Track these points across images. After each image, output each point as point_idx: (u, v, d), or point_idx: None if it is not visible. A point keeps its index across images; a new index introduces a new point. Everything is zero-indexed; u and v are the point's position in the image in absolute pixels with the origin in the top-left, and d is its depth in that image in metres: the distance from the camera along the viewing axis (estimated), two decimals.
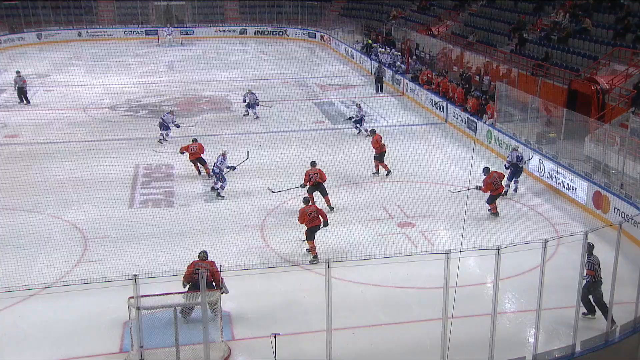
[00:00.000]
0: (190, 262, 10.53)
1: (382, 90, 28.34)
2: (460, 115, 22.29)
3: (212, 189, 16.30)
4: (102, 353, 9.67)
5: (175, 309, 9.11)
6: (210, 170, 16.78)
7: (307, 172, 15.20)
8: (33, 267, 12.23)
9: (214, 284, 10.18)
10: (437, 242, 13.68)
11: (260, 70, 33.47)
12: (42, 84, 29.13)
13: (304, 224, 12.70)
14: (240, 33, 44.89)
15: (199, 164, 17.51)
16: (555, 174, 16.58)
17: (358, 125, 21.53)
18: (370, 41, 35.44)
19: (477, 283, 11.84)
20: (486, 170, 15.08)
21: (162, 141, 20.36)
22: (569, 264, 11.22)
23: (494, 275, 8.58)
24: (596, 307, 10.52)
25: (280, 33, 44.61)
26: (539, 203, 15.95)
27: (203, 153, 17.42)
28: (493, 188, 14.82)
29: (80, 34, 42.12)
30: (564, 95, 21.06)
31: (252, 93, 23.58)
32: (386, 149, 17.58)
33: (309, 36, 43.63)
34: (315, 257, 12.64)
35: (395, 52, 32.11)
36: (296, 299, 11.27)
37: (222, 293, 10.06)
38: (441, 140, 21.65)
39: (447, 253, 8.48)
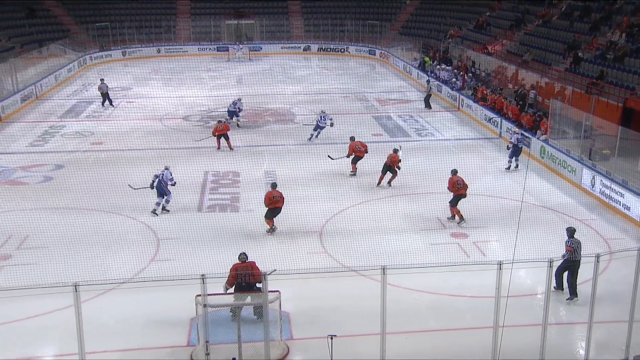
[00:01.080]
0: (232, 265, 10.43)
1: (429, 107, 27.80)
2: (514, 132, 21.73)
3: (154, 210, 15.13)
4: (171, 345, 9.88)
5: (237, 307, 9.24)
6: (154, 185, 15.35)
7: (350, 145, 18.29)
8: (112, 263, 12.66)
9: (257, 285, 10.16)
10: (489, 252, 13.38)
11: (322, 84, 33.67)
12: (125, 96, 30.18)
13: (267, 206, 13.94)
14: (304, 50, 45.33)
15: (223, 138, 19.67)
16: (608, 190, 15.95)
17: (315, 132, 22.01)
18: (427, 59, 35.12)
19: (528, 294, 11.50)
20: (454, 172, 15.18)
21: (238, 124, 23.31)
22: (621, 279, 10.78)
23: (545, 286, 8.31)
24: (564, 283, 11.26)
25: (342, 50, 44.78)
26: (591, 218, 15.37)
27: (229, 130, 19.82)
28: (456, 188, 14.76)
29: (159, 51, 43.49)
30: (619, 113, 20.26)
31: (236, 102, 24.10)
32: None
33: (369, 53, 43.63)
34: (271, 228, 14.13)
35: (449, 68, 31.70)
36: (352, 303, 11.22)
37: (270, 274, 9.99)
38: (495, 154, 21.19)
39: (500, 264, 8.29)
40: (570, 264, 11.11)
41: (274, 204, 14.08)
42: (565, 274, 11.26)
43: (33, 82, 29.82)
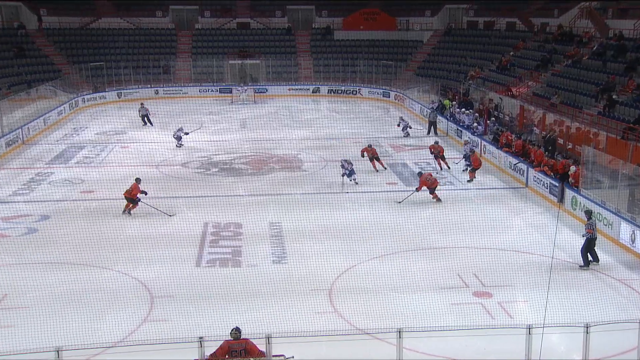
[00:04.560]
0: (223, 341, 10.03)
1: (435, 133, 31.26)
2: (541, 180, 21.78)
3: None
4: None
5: None
6: None
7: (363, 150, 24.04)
8: (101, 324, 12.57)
9: None
10: (516, 314, 13.19)
11: (332, 129, 34.00)
12: (119, 141, 30.60)
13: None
14: (313, 92, 46.01)
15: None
16: None
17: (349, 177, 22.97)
18: (447, 101, 35.51)
19: None
20: (420, 174, 20.37)
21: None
22: None
23: (582, 355, 8.15)
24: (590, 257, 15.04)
25: (354, 92, 45.43)
26: (632, 278, 15.18)
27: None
28: (428, 183, 19.66)
29: (157, 92, 44.30)
30: None
31: (181, 129, 28.44)
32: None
33: (383, 95, 44.22)
34: None
35: (469, 111, 32.02)
36: None
37: None
38: (521, 205, 21.15)
39: (529, 328, 8.17)
40: (592, 244, 15.17)
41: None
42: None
43: (19, 125, 30.34)
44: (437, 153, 25.17)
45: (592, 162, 19.72)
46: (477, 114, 31.69)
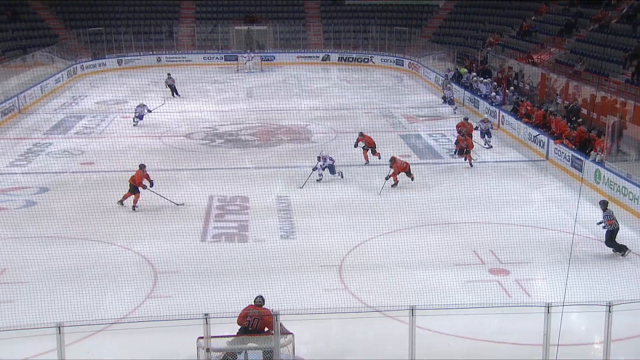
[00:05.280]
0: (246, 305, 10.43)
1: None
2: (563, 152, 21.65)
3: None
4: None
5: (245, 352, 9.20)
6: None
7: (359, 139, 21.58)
8: (102, 300, 12.70)
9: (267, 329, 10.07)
10: (534, 292, 13.21)
11: (343, 99, 33.85)
12: (120, 111, 30.60)
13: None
14: (323, 59, 45.73)
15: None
16: None
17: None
18: (464, 69, 35.20)
19: (583, 343, 11.28)
20: (392, 160, 19.19)
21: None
22: None
23: (604, 335, 8.14)
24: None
25: (366, 60, 45.11)
26: None
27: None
28: (404, 165, 19.13)
29: (159, 60, 44.17)
30: None
31: (144, 106, 27.48)
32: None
33: (396, 63, 43.88)
34: None
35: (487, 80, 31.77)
36: (376, 347, 11.11)
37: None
38: (541, 179, 21.05)
39: (548, 306, 8.17)
40: (615, 234, 14.43)
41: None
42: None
43: (15, 93, 30.37)
44: (465, 134, 22.58)
45: (617, 133, 19.54)
46: (495, 83, 31.43)
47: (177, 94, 33.96)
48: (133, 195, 17.53)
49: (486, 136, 24.18)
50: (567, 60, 31.21)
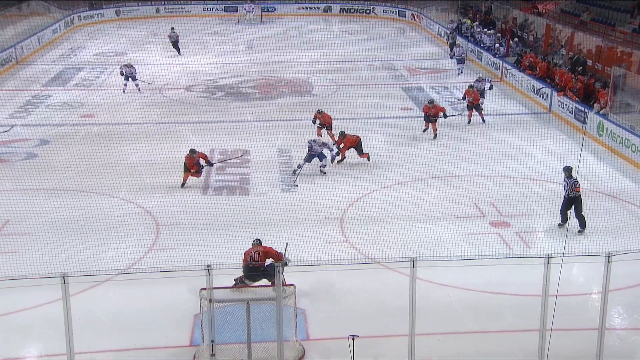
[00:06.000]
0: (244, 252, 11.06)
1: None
2: (566, 104, 21.53)
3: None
4: (171, 345, 10.01)
5: (248, 303, 9.31)
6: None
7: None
8: (105, 252, 12.82)
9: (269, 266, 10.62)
10: (535, 244, 13.32)
11: (344, 51, 33.53)
12: (119, 63, 30.26)
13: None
14: (324, 11, 45.07)
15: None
16: None
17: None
18: (469, 20, 34.74)
19: (582, 293, 11.46)
20: (342, 135, 17.38)
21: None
22: None
23: (602, 285, 8.25)
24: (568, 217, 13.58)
25: (368, 11, 44.46)
26: None
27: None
28: (354, 139, 17.39)
29: (158, 10, 43.55)
30: None
31: (131, 66, 24.96)
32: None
33: (399, 15, 43.27)
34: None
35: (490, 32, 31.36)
36: (377, 299, 11.27)
37: (285, 265, 10.51)
38: (543, 131, 21.00)
39: (548, 257, 8.25)
40: (576, 200, 13.48)
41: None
42: (572, 210, 13.55)
43: (12, 44, 30.05)
44: (472, 101, 21.37)
45: (622, 84, 19.39)
46: (499, 34, 31.07)
47: (178, 51, 32.36)
48: (192, 175, 16.15)
49: (480, 96, 22.83)
50: (573, 9, 30.73)
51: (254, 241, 11.27)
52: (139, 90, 24.68)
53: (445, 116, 19.89)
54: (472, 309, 11.11)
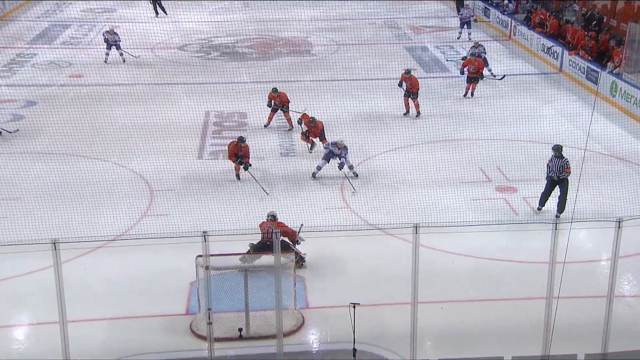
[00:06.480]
0: (260, 222, 11.07)
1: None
2: (578, 64, 21.39)
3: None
4: (167, 314, 10.11)
5: (246, 270, 9.39)
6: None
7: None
8: (98, 218, 12.87)
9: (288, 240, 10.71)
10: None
11: (345, 8, 33.12)
12: (109, 20, 29.98)
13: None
14: None
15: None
16: None
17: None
18: None
19: (590, 260, 11.54)
20: (312, 121, 15.61)
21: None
22: None
23: (612, 251, 8.29)
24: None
25: None
26: None
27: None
28: (321, 127, 15.69)
29: None
30: None
31: (115, 33, 23.44)
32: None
33: None
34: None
35: None
36: (378, 266, 11.35)
37: (298, 243, 10.71)
38: (553, 92, 20.89)
39: (555, 223, 8.27)
40: (563, 182, 12.79)
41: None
42: (557, 193, 12.92)
43: None
44: (474, 71, 19.93)
45: (638, 41, 19.21)
46: None
47: (162, 9, 30.43)
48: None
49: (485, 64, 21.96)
50: None
51: (268, 215, 11.23)
52: (124, 60, 23.42)
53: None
54: (477, 276, 11.20)
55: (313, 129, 15.75)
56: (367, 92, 20.24)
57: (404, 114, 18.53)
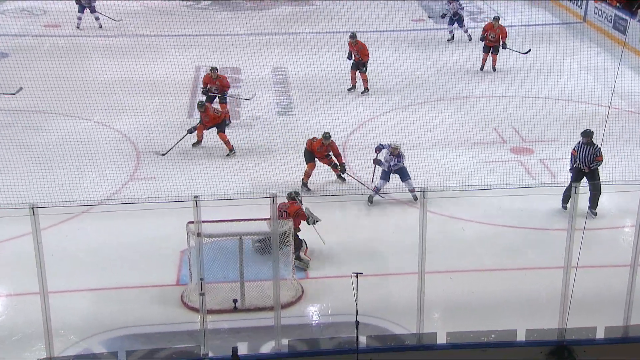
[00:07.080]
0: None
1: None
2: (604, 12, 21.14)
3: None
4: (156, 284, 10.17)
5: (241, 237, 9.40)
6: None
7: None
8: (80, 181, 12.88)
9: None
10: (560, 173, 13.31)
11: None
12: None
13: None
14: None
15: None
16: None
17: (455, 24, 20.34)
18: None
19: (612, 226, 11.58)
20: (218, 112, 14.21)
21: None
22: None
23: (636, 218, 8.30)
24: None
25: None
26: None
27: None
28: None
29: None
30: None
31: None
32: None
33: None
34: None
35: None
36: (383, 234, 11.41)
37: (313, 223, 10.55)
38: (576, 44, 20.75)
39: (575, 187, 8.27)
40: (594, 173, 11.58)
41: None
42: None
43: None
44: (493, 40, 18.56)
45: None
46: None
47: None
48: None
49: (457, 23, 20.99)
50: None
51: (288, 194, 10.72)
52: (100, 26, 21.92)
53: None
54: (489, 244, 11.25)
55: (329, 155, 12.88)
56: (372, 45, 20.03)
57: (349, 90, 17.41)
